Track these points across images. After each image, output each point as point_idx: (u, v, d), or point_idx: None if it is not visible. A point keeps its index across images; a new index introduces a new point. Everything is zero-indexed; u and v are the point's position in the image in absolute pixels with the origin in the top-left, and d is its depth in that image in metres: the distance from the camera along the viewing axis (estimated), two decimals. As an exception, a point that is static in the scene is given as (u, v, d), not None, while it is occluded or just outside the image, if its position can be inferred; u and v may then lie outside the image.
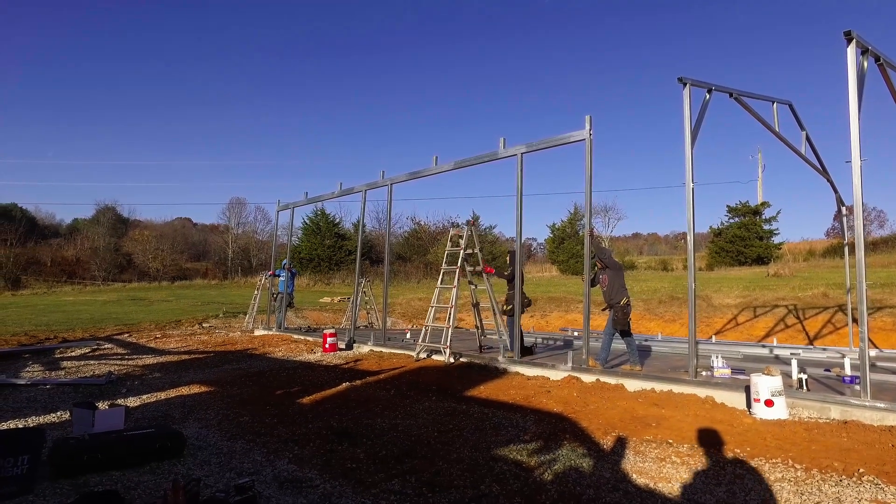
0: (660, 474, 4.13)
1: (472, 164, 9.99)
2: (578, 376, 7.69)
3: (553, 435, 5.18)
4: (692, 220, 7.14)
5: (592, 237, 8.10)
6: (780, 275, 28.26)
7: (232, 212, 61.61)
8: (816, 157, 10.85)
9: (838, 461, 4.26)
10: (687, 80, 7.38)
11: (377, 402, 6.66)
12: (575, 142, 8.19)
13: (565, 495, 3.78)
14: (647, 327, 18.00)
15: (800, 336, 15.20)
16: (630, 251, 59.32)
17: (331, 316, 22.19)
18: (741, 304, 18.79)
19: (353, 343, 12.01)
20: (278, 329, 15.11)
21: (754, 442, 4.82)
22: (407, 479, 4.17)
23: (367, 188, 12.46)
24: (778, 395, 5.66)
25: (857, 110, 5.96)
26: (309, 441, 5.20)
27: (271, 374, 8.83)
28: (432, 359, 9.78)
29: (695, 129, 7.32)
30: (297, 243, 50.10)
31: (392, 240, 51.02)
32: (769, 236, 42.41)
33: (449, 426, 5.57)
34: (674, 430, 5.25)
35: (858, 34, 6.08)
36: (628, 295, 8.07)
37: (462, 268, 9.98)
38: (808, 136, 10.51)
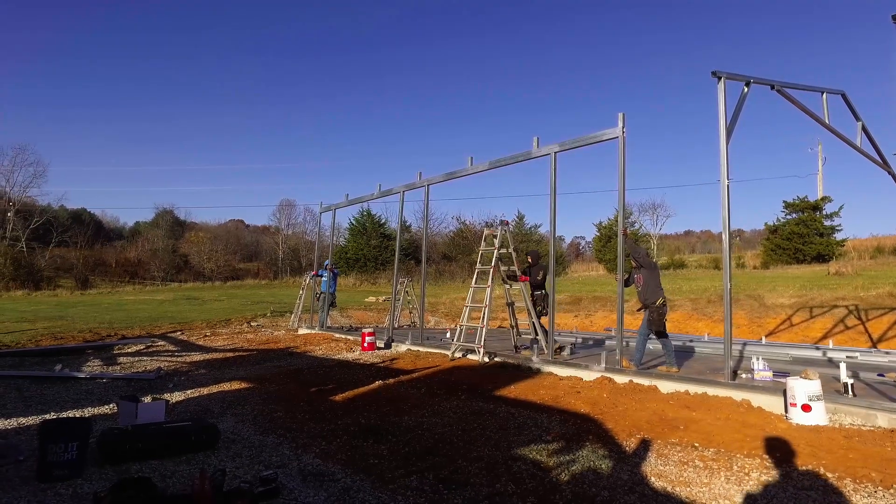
0: (679, 478, 4.06)
1: (507, 163, 9.99)
2: (611, 377, 7.58)
3: (576, 436, 5.15)
4: (727, 218, 6.93)
5: (626, 236, 7.97)
6: (841, 273, 26.88)
7: (282, 213, 63.55)
8: (875, 148, 10.33)
9: (876, 471, 4.07)
10: (722, 74, 7.17)
11: (406, 401, 6.77)
12: (608, 140, 8.08)
13: (579, 496, 3.77)
14: (694, 327, 17.52)
15: (861, 338, 14.46)
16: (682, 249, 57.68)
17: (375, 315, 22.53)
18: (796, 304, 18.02)
19: (392, 342, 12.18)
20: (321, 328, 15.48)
21: (785, 448, 4.65)
22: (425, 475, 4.24)
23: (405, 189, 12.62)
24: (816, 400, 5.44)
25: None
26: (336, 437, 5.35)
27: (309, 372, 9.08)
28: (467, 358, 9.83)
29: (730, 125, 7.11)
30: (343, 244, 51.19)
31: (437, 239, 51.41)
32: (830, 232, 40.32)
33: (473, 425, 5.61)
34: (702, 434, 5.13)
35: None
36: (664, 295, 7.91)
37: (496, 267, 9.98)
38: (865, 126, 10.04)
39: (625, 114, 7.90)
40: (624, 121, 7.89)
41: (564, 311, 20.52)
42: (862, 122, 9.91)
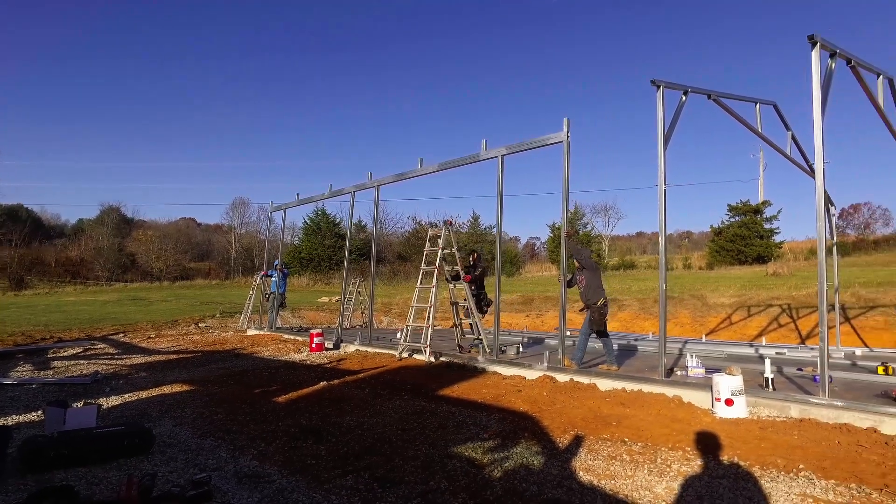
0: (606, 472, 4.23)
1: (456, 165, 10.11)
2: (553, 376, 7.79)
3: (512, 433, 5.28)
4: (664, 221, 7.21)
5: (570, 238, 8.18)
6: (778, 274, 28.18)
7: (235, 212, 62.24)
8: (803, 156, 10.87)
9: (782, 458, 4.34)
10: (661, 83, 7.44)
11: (349, 401, 6.78)
12: (553, 143, 8.28)
13: (509, 491, 3.88)
14: (641, 326, 18.06)
15: (792, 335, 15.19)
16: (633, 250, 59.29)
17: (327, 315, 22.34)
18: (736, 303, 18.78)
19: (341, 343, 12.14)
20: (270, 329, 15.28)
21: (706, 440, 4.90)
22: (361, 474, 4.29)
23: (355, 189, 12.60)
24: (738, 395, 5.74)
25: (820, 114, 6.01)
26: (276, 438, 5.33)
27: (254, 374, 8.97)
28: (414, 358, 9.90)
29: (668, 132, 7.39)
30: (297, 243, 50.51)
31: (392, 239, 51.30)
32: (770, 235, 42.22)
33: (413, 424, 5.68)
34: (632, 429, 5.34)
35: (824, 38, 6.14)
36: (605, 295, 8.15)
37: (441, 267, 10.09)
38: (794, 136, 10.54)
39: (569, 119, 8.14)
40: (569, 126, 8.10)
41: (516, 310, 20.83)
42: (791, 132, 10.42)
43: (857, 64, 6.94)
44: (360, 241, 45.63)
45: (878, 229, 54.06)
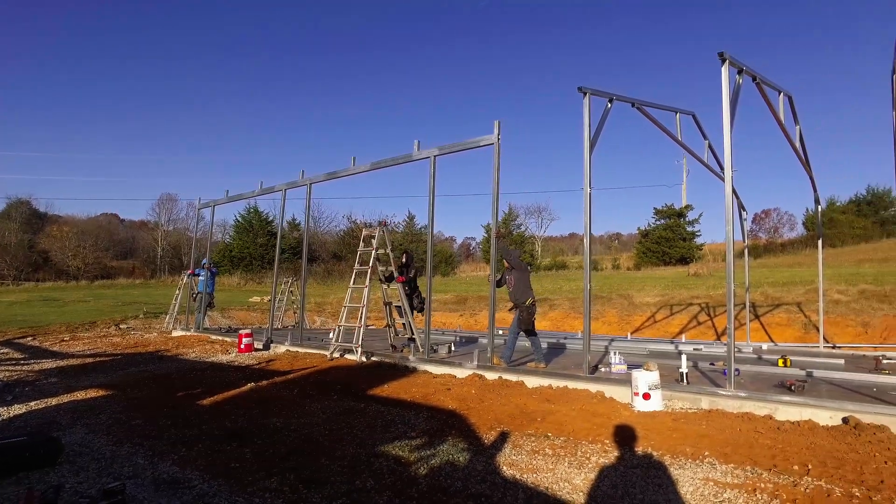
0: (529, 466, 4.37)
1: (388, 165, 10.11)
2: (482, 374, 7.93)
3: (440, 431, 5.35)
4: (589, 223, 7.50)
5: (499, 239, 8.36)
6: (699, 274, 29.80)
7: (162, 208, 59.45)
8: (719, 164, 11.54)
9: (691, 446, 4.63)
10: (587, 90, 7.72)
11: (277, 402, 6.67)
12: (485, 146, 8.43)
13: (434, 488, 3.94)
14: (571, 325, 18.62)
15: (710, 332, 16.10)
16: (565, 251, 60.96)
17: (258, 316, 21.78)
18: (660, 302, 19.67)
19: (271, 343, 11.88)
20: (197, 329, 14.75)
21: (624, 433, 5.14)
22: (286, 476, 4.24)
23: (287, 187, 12.37)
24: (654, 389, 6.05)
25: (729, 125, 6.43)
26: (198, 442, 5.17)
27: (178, 376, 8.64)
28: (345, 358, 9.83)
29: (594, 138, 7.68)
30: (228, 241, 48.91)
31: (327, 238, 50.54)
32: (692, 237, 44.60)
33: (341, 424, 5.65)
34: (556, 424, 5.52)
35: (732, 55, 6.57)
36: (534, 295, 8.37)
37: (374, 268, 10.07)
38: (711, 145, 11.16)
39: (500, 121, 8.30)
40: (499, 128, 8.28)
41: (451, 310, 21.02)
42: (708, 140, 11.05)
43: (761, 81, 7.46)
44: (293, 240, 44.69)
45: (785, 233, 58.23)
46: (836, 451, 4.45)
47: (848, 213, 45.63)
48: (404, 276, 10.22)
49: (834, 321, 14.32)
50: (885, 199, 45.00)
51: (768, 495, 3.61)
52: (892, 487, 3.67)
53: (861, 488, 3.66)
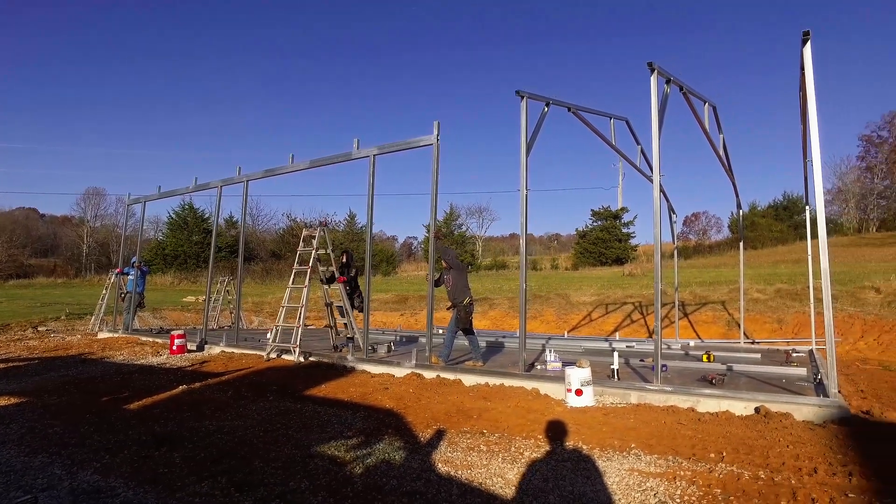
0: (464, 462, 4.44)
1: (327, 163, 10.00)
2: (421, 373, 7.98)
3: (376, 430, 5.36)
4: (525, 224, 7.69)
5: (437, 239, 8.43)
6: (633, 274, 30.95)
7: (88, 203, 56.44)
8: (650, 168, 12.03)
9: (619, 440, 4.84)
10: (525, 94, 7.90)
11: (210, 405, 6.48)
12: (424, 146, 8.48)
13: (369, 486, 3.95)
14: (510, 324, 18.90)
15: (643, 330, 16.76)
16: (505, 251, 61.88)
17: (193, 316, 21.04)
18: (596, 301, 20.28)
19: (205, 344, 11.51)
20: (125, 331, 14.09)
21: (557, 428, 5.31)
22: (218, 480, 4.14)
23: (222, 184, 12.01)
24: (587, 385, 6.28)
25: (657, 131, 6.75)
26: (124, 449, 4.96)
27: (103, 380, 8.24)
28: (282, 359, 9.66)
29: (531, 140, 7.87)
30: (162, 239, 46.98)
31: (266, 237, 49.34)
32: (627, 239, 46.26)
33: (277, 426, 5.57)
34: (491, 421, 5.64)
35: (660, 66, 6.89)
36: (471, 295, 8.50)
37: (315, 268, 9.95)
38: (643, 150, 11.63)
39: (440, 122, 8.36)
40: (439, 128, 8.34)
41: (391, 309, 20.97)
42: (641, 146, 11.52)
43: (687, 91, 7.86)
44: (230, 238, 43.40)
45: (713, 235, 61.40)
46: (747, 438, 4.78)
47: (767, 217, 48.66)
48: (345, 275, 10.15)
49: (753, 318, 15.21)
50: (798, 204, 48.26)
51: (686, 482, 3.83)
52: (791, 469, 4.00)
53: (766, 470, 3.97)
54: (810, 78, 6.09)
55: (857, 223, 47.59)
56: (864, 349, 12.65)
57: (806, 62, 6.16)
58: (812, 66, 6.11)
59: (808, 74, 6.11)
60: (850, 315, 14.28)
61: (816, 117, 6.03)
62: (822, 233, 5.89)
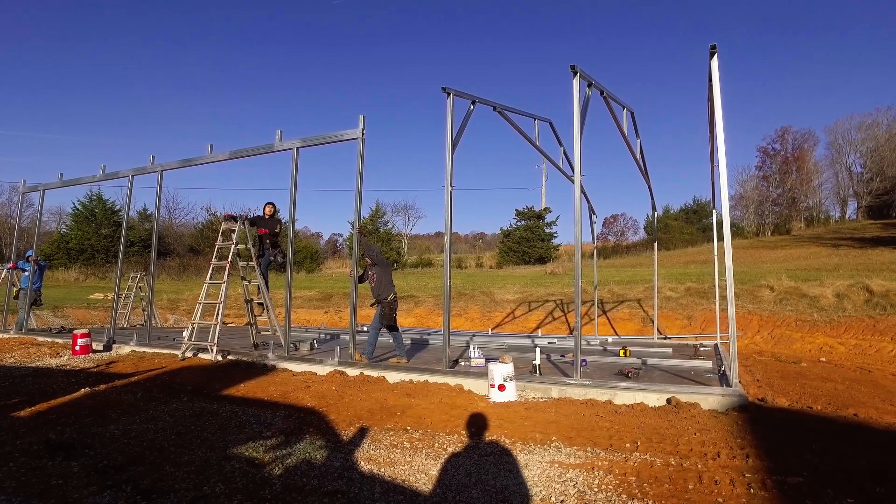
0: (387, 459, 4.40)
1: (249, 154, 9.63)
2: (344, 370, 7.85)
3: (297, 429, 5.21)
4: (450, 220, 7.72)
5: (362, 235, 8.32)
6: (555, 273, 31.89)
7: (-25, 190, 51.48)
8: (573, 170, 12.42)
9: (540, 433, 4.95)
10: (451, 91, 7.93)
11: (117, 408, 6.07)
12: (348, 140, 8.35)
13: (290, 487, 3.83)
14: (435, 322, 19.01)
15: (564, 327, 17.30)
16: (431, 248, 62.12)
17: (101, 314, 19.74)
18: (519, 299, 20.74)
19: (113, 343, 10.79)
20: (19, 331, 12.96)
21: (480, 423, 5.37)
22: (122, 488, 3.86)
23: (134, 173, 11.29)
24: (509, 380, 6.39)
25: (579, 133, 6.97)
26: (11, 460, 4.52)
27: (-11, 385, 7.53)
28: (199, 358, 9.22)
29: (456, 138, 7.91)
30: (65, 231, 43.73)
31: (184, 231, 47.04)
32: (550, 238, 47.64)
33: (190, 428, 5.29)
34: (415, 418, 5.62)
35: (582, 69, 7.12)
36: (395, 291, 8.44)
37: (233, 263, 9.56)
38: (566, 151, 11.98)
39: (365, 116, 8.28)
40: (364, 123, 8.24)
41: (315, 307, 20.55)
42: (563, 147, 11.86)
43: (608, 96, 8.18)
44: (144, 232, 41.03)
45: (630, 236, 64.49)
46: (660, 427, 5.02)
47: (679, 219, 51.71)
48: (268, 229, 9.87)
49: (666, 315, 16.10)
50: (706, 208, 51.65)
51: (603, 471, 3.97)
52: (698, 454, 4.25)
53: (676, 457, 4.19)
54: (717, 89, 6.48)
55: (756, 227, 51.41)
56: (760, 343, 13.69)
57: (713, 74, 6.54)
58: (719, 78, 6.50)
59: (716, 86, 6.50)
60: (749, 311, 15.40)
61: (723, 126, 6.42)
62: (727, 236, 6.30)
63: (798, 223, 50.10)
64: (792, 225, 49.43)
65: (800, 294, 15.84)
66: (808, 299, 15.39)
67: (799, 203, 52.91)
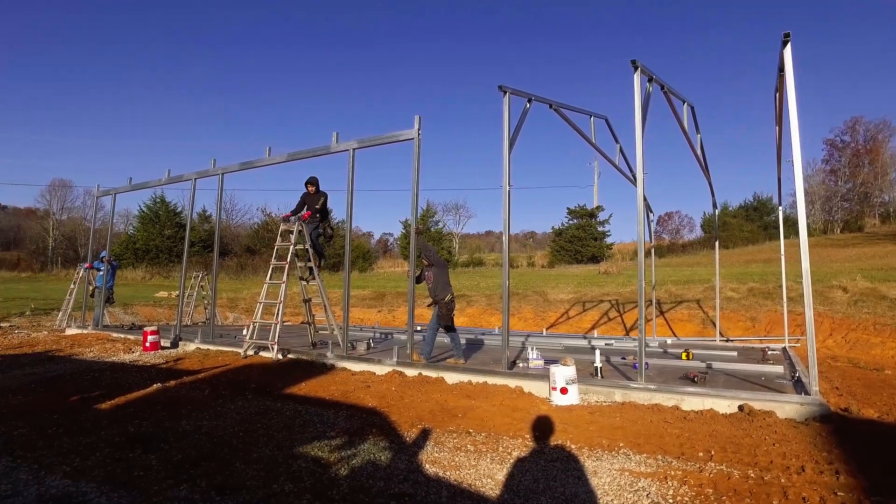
0: (451, 462, 4.37)
1: (306, 157, 9.81)
2: (402, 371, 7.88)
3: (360, 430, 5.25)
4: (508, 220, 7.63)
5: (418, 235, 8.33)
6: (609, 272, 31.22)
7: (53, 195, 54.87)
8: (629, 167, 12.10)
9: (606, 438, 4.81)
10: (507, 89, 7.83)
11: (187, 404, 6.29)
12: (405, 140, 8.37)
13: (356, 489, 3.85)
14: (488, 321, 18.90)
15: (619, 327, 16.90)
16: (482, 248, 62.04)
17: (166, 312, 20.59)
18: (573, 299, 20.39)
19: (179, 340, 11.22)
20: (95, 327, 13.68)
21: (544, 427, 5.27)
22: (197, 483, 3.98)
23: (197, 176, 11.70)
24: (571, 383, 6.25)
25: (641, 129, 6.74)
26: (95, 451, 4.75)
27: (72, 378, 7.94)
28: (260, 356, 9.47)
29: (513, 136, 7.81)
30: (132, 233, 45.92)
31: (241, 231, 48.57)
32: (602, 237, 46.71)
33: (257, 425, 5.42)
34: (477, 420, 5.57)
35: (643, 64, 6.89)
36: (452, 291, 8.41)
37: (292, 263, 9.76)
38: (622, 148, 11.67)
39: (421, 117, 8.27)
40: (420, 123, 8.24)
41: (368, 306, 20.79)
42: (620, 144, 11.55)
43: (668, 90, 7.90)
44: (203, 233, 42.57)
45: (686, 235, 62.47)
46: (734, 436, 4.79)
47: (738, 217, 49.66)
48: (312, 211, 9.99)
49: (727, 316, 15.46)
50: (767, 205, 49.43)
51: (678, 481, 3.81)
52: (779, 467, 4.02)
53: (755, 469, 3.98)
54: (790, 79, 6.13)
55: (823, 224, 48.84)
56: (832, 347, 12.95)
57: (786, 63, 6.20)
58: (792, 67, 6.16)
59: (789, 76, 6.15)
60: (819, 314, 14.59)
61: (797, 119, 6.08)
62: (802, 234, 5.95)
63: (871, 219, 47.24)
64: (864, 221, 46.59)
65: (878, 296, 14.91)
66: (887, 301, 14.45)
67: (872, 198, 49.90)
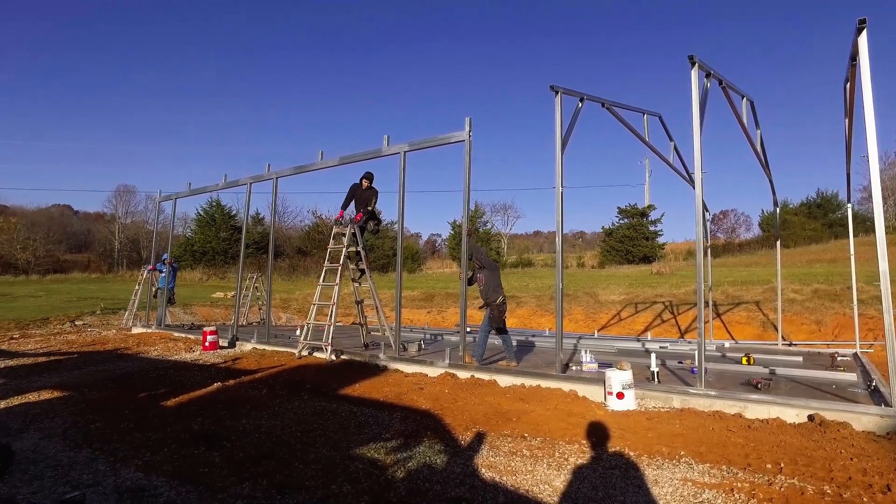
0: (507, 467, 4.33)
1: (358, 160, 9.95)
2: (454, 373, 7.88)
3: (415, 432, 5.27)
4: (561, 221, 7.50)
5: (469, 237, 8.31)
6: (661, 273, 30.39)
7: (119, 200, 57.78)
8: (683, 165, 11.76)
9: (666, 446, 4.67)
10: (559, 89, 7.72)
11: (246, 403, 6.47)
12: (455, 142, 8.37)
13: (413, 492, 3.86)
14: (538, 323, 18.70)
15: (674, 330, 16.40)
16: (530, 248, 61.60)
17: (222, 312, 21.25)
18: (625, 300, 19.94)
19: (237, 340, 11.58)
20: (158, 326, 14.29)
21: (600, 433, 5.16)
22: (258, 481, 4.09)
23: (252, 181, 12.06)
24: (628, 388, 6.10)
25: (699, 127, 6.52)
26: (163, 446, 4.95)
27: (139, 376, 8.32)
28: (314, 356, 9.66)
29: (566, 136, 7.69)
30: (190, 235, 47.71)
31: (292, 233, 49.74)
32: (654, 237, 45.51)
33: (314, 426, 5.52)
34: (532, 424, 5.51)
35: (701, 59, 6.66)
36: (504, 294, 8.36)
37: (345, 265, 9.92)
38: (676, 146, 11.34)
39: (471, 118, 8.25)
40: (470, 125, 8.22)
41: (418, 307, 20.90)
42: (674, 142, 11.23)
43: (727, 85, 7.61)
44: (257, 235, 43.83)
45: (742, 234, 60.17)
46: (804, 448, 4.56)
47: (800, 215, 47.39)
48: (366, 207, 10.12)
49: (790, 319, 14.78)
50: (832, 202, 46.95)
51: (745, 494, 3.66)
52: (860, 484, 3.77)
53: (831, 485, 3.75)
54: (866, 68, 5.79)
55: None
56: (908, 352, 12.19)
57: (861, 52, 5.86)
58: (867, 56, 5.82)
59: (864, 65, 5.81)
60: (893, 317, 13.78)
61: (873, 111, 5.75)
62: (880, 232, 5.63)
63: (951, 216, 44.31)
64: (942, 218, 43.77)
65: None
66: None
67: (952, 193, 46.79)
